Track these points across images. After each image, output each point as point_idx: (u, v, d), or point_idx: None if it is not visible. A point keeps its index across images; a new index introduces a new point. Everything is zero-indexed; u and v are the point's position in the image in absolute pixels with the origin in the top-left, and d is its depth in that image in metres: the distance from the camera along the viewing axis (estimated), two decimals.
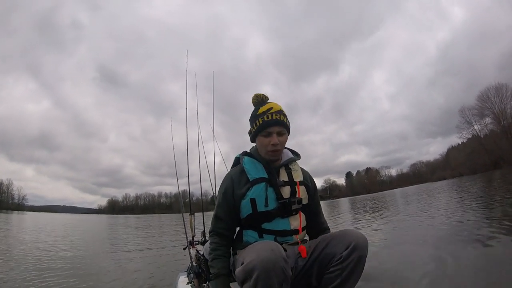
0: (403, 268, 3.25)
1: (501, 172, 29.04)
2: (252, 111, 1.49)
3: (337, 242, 1.23)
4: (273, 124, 1.38)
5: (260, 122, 1.40)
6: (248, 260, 1.07)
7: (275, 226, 1.34)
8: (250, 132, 1.49)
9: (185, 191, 3.09)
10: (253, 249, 1.12)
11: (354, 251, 1.17)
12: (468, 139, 47.92)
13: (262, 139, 1.41)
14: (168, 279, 3.79)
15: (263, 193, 1.34)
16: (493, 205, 7.26)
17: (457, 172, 49.75)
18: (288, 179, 1.42)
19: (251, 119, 1.47)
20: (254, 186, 1.35)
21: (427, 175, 72.28)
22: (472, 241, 3.93)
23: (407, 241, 4.85)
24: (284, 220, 1.35)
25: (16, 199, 78.88)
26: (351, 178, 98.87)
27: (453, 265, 3.07)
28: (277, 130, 1.39)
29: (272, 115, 1.38)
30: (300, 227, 1.39)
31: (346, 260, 1.17)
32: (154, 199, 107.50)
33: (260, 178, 1.37)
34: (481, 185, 16.67)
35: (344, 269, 1.17)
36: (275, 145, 1.38)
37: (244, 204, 1.35)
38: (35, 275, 4.23)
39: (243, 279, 1.09)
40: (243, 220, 1.38)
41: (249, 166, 1.42)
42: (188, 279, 2.09)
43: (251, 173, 1.39)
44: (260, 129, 1.40)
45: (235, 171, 1.46)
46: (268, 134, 1.39)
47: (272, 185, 1.36)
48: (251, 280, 1.04)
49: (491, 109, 41.91)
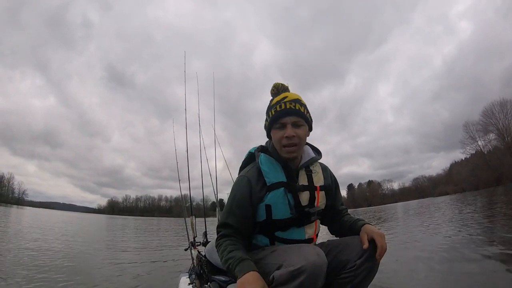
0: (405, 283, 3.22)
1: (504, 189, 28.73)
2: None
3: (351, 250, 1.18)
4: (287, 114, 1.20)
5: (273, 112, 1.23)
6: (295, 263, 0.99)
7: (289, 235, 1.24)
8: (265, 126, 1.32)
9: (186, 195, 3.11)
10: (298, 251, 1.05)
11: (368, 260, 1.14)
12: (472, 155, 47.61)
13: (276, 132, 1.23)
14: (170, 280, 3.79)
15: (281, 200, 1.20)
16: (496, 221, 7.18)
17: (460, 187, 49.27)
18: (308, 182, 1.27)
19: (267, 111, 1.30)
20: (271, 192, 1.21)
21: (429, 189, 71.71)
22: (476, 259, 3.89)
23: (411, 257, 4.81)
24: (299, 229, 1.25)
25: (16, 194, 79.59)
26: (352, 190, 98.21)
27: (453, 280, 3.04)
28: (292, 121, 1.21)
29: (285, 104, 1.20)
30: (315, 235, 1.31)
31: (359, 268, 1.13)
32: (154, 202, 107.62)
33: (279, 182, 1.22)
34: (484, 200, 16.49)
35: (356, 277, 1.14)
36: (290, 138, 1.19)
37: (259, 209, 1.23)
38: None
39: (284, 281, 0.99)
40: (255, 225, 1.26)
41: (267, 167, 1.25)
42: (189, 279, 2.09)
43: (269, 176, 1.23)
44: (273, 120, 1.23)
45: (252, 173, 1.26)
46: (282, 126, 1.21)
47: (290, 191, 1.22)
48: (295, 283, 0.97)
49: (495, 125, 41.77)
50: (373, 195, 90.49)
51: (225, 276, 1.68)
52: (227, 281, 1.63)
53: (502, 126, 40.86)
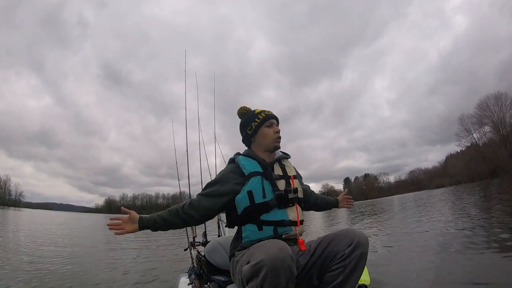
0: (401, 276, 3.27)
1: (499, 181, 29.09)
2: (240, 122, 1.62)
3: (339, 240, 1.25)
4: (273, 117, 1.56)
5: (262, 116, 1.54)
6: (256, 258, 1.06)
7: (273, 216, 1.35)
8: (249, 130, 1.56)
9: (184, 192, 3.10)
10: (261, 247, 1.12)
11: (357, 249, 1.19)
12: (467, 147, 48.13)
13: (266, 130, 1.53)
14: (169, 279, 3.80)
15: (260, 185, 1.37)
16: (492, 213, 7.28)
17: (455, 180, 49.84)
18: (283, 173, 1.49)
19: (248, 120, 1.57)
20: (250, 179, 1.39)
21: (425, 182, 72.45)
22: (471, 249, 3.95)
23: (406, 248, 4.87)
24: (281, 210, 1.37)
25: (13, 196, 78.87)
26: (349, 184, 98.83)
27: (449, 273, 3.09)
28: (276, 123, 1.57)
29: (270, 112, 1.58)
30: (298, 219, 1.41)
31: (348, 257, 1.19)
32: (152, 200, 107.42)
33: (256, 171, 1.41)
34: (479, 193, 16.71)
35: (346, 266, 1.19)
36: (278, 132, 1.54)
37: (241, 198, 1.37)
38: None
39: (250, 277, 1.07)
40: (241, 215, 1.38)
41: (244, 162, 1.46)
42: (189, 280, 2.09)
43: (247, 168, 1.43)
44: (264, 120, 1.53)
45: (230, 166, 1.50)
46: (271, 124, 1.54)
47: (267, 179, 1.40)
48: (259, 278, 1.03)
49: (490, 118, 42.20)
50: (369, 189, 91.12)
51: (224, 276, 1.68)
52: (227, 281, 1.63)
53: (497, 118, 41.36)
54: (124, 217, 1.30)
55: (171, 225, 1.36)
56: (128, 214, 1.30)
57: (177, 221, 1.36)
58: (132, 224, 1.30)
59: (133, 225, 1.30)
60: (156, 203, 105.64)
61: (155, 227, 1.33)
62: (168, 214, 1.35)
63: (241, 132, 1.62)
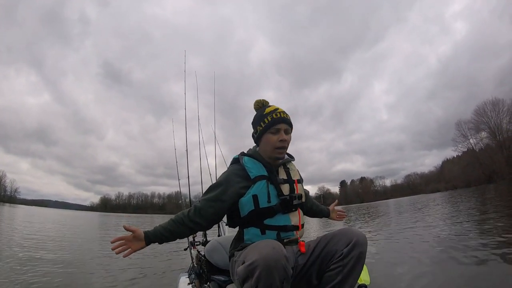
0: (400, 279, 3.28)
1: (494, 186, 29.26)
2: (254, 115, 1.53)
3: (337, 240, 1.26)
4: (282, 121, 1.42)
5: (269, 119, 1.42)
6: (250, 258, 1.07)
7: (277, 221, 1.36)
8: (255, 133, 1.50)
9: (183, 192, 3.10)
10: (255, 247, 1.12)
11: (355, 248, 1.20)
12: (463, 153, 48.47)
13: (270, 136, 1.42)
14: (169, 279, 3.80)
15: (265, 189, 1.36)
16: (487, 218, 7.33)
17: (451, 184, 50.11)
18: (287, 177, 1.46)
19: (256, 120, 1.49)
20: (256, 183, 1.37)
21: (421, 186, 72.72)
22: (466, 257, 3.97)
23: (400, 252, 4.89)
24: (285, 216, 1.38)
25: (9, 192, 78.28)
26: (345, 187, 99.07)
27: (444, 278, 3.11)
28: (284, 128, 1.43)
29: (280, 114, 1.44)
30: (300, 223, 1.42)
31: (347, 257, 1.20)
32: (147, 199, 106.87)
33: (261, 175, 1.39)
34: (475, 198, 16.80)
35: (345, 266, 1.20)
36: (283, 141, 1.41)
37: (245, 201, 1.35)
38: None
39: (245, 278, 1.08)
40: (245, 218, 1.37)
41: (250, 165, 1.43)
42: (189, 279, 2.09)
43: (253, 171, 1.40)
44: (269, 126, 1.42)
45: (235, 168, 1.45)
46: (276, 131, 1.42)
47: (272, 183, 1.39)
48: (253, 278, 1.03)
49: (487, 124, 42.58)
50: (365, 192, 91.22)
51: (224, 276, 1.68)
52: (227, 281, 1.63)
53: (494, 124, 41.74)
54: (127, 236, 1.25)
55: (178, 235, 1.33)
56: (132, 232, 1.25)
57: (184, 230, 1.33)
58: (138, 241, 1.26)
59: (139, 242, 1.26)
60: (152, 202, 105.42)
61: (162, 240, 1.30)
62: (173, 225, 1.32)
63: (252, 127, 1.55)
